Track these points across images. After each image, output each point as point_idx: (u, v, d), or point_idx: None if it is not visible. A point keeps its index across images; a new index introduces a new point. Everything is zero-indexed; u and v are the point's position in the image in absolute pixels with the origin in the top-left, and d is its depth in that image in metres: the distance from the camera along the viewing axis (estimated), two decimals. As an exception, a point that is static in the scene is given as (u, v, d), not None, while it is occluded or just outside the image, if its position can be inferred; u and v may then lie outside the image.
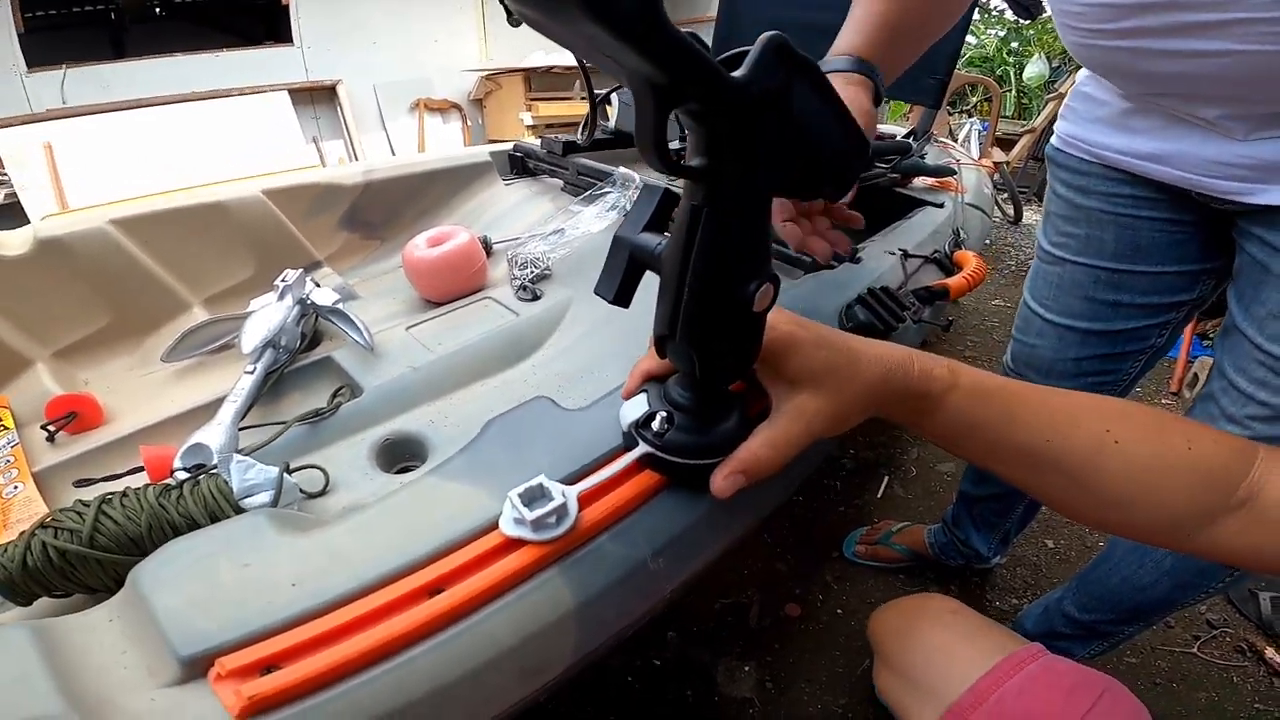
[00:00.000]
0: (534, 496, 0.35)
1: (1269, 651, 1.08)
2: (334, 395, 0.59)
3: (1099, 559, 0.83)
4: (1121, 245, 0.65)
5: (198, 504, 0.41)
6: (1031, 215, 3.37)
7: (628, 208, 0.77)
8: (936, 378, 0.36)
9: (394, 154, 3.40)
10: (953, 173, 1.16)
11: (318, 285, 0.69)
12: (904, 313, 0.63)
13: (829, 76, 0.30)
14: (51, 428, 0.54)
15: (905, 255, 0.79)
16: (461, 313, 0.70)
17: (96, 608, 0.35)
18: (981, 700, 0.49)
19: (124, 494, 0.42)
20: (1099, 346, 0.72)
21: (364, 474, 0.52)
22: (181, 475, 0.45)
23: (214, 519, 0.41)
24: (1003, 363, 0.87)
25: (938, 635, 0.58)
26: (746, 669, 1.05)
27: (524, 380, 0.62)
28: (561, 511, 0.35)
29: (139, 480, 0.49)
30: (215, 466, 0.45)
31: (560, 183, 0.97)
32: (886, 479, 1.42)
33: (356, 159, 3.17)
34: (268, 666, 0.29)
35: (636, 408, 0.38)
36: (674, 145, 0.38)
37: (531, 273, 0.75)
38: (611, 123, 0.95)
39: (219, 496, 0.41)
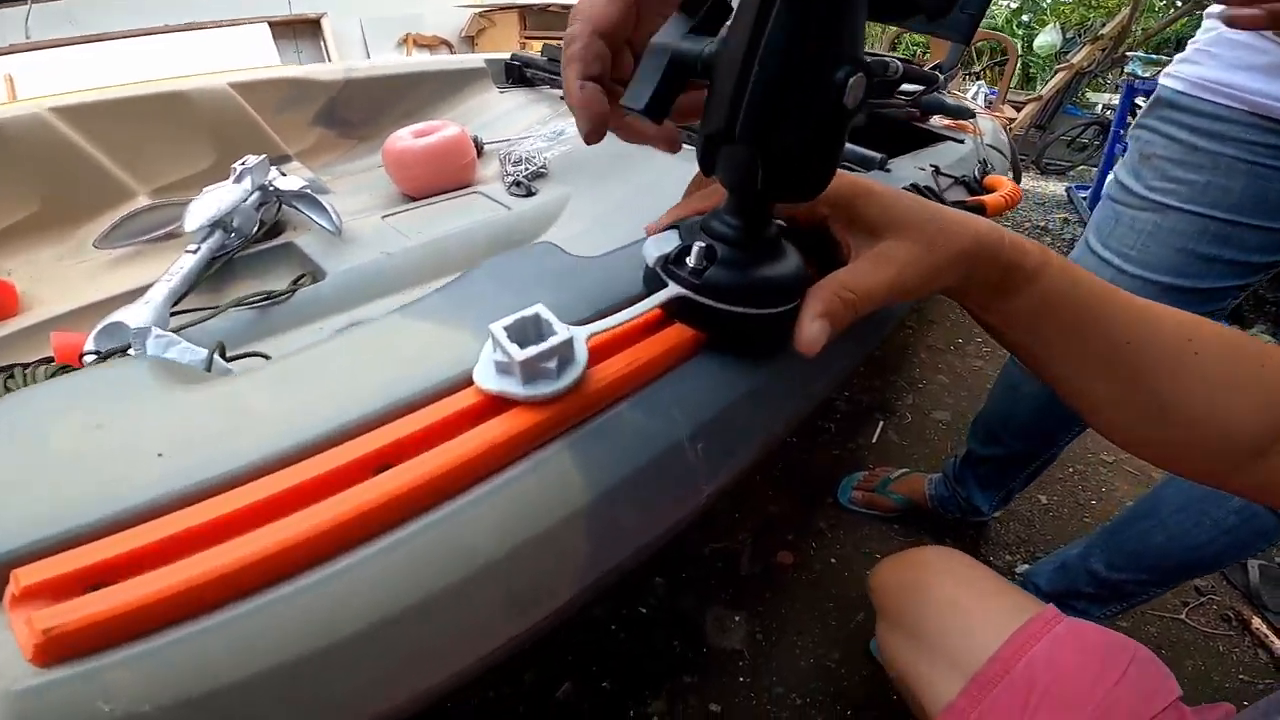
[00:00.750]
0: (526, 332, 0.24)
1: (1255, 622, 1.06)
2: (294, 282, 0.52)
3: (1134, 514, 0.79)
4: (1247, 196, 0.60)
5: None
6: (1029, 182, 3.32)
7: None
8: (1029, 252, 0.32)
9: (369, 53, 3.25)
10: (972, 114, 1.09)
11: (283, 174, 0.61)
12: None
13: None
14: None
15: (937, 171, 0.73)
16: (445, 205, 0.63)
17: None
18: (1008, 669, 0.45)
19: (9, 375, 0.35)
20: (1173, 304, 0.67)
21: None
22: (89, 359, 0.39)
23: None
24: None
25: (951, 592, 0.53)
26: (736, 619, 1.01)
27: (513, 274, 0.55)
28: (566, 355, 0.25)
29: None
30: (130, 343, 0.38)
31: (560, 93, 0.89)
32: (881, 424, 1.39)
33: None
34: (95, 583, 0.19)
35: (666, 243, 0.29)
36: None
37: (526, 169, 0.67)
38: None
39: None
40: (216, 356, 0.36)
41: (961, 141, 0.95)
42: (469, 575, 0.22)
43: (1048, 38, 3.78)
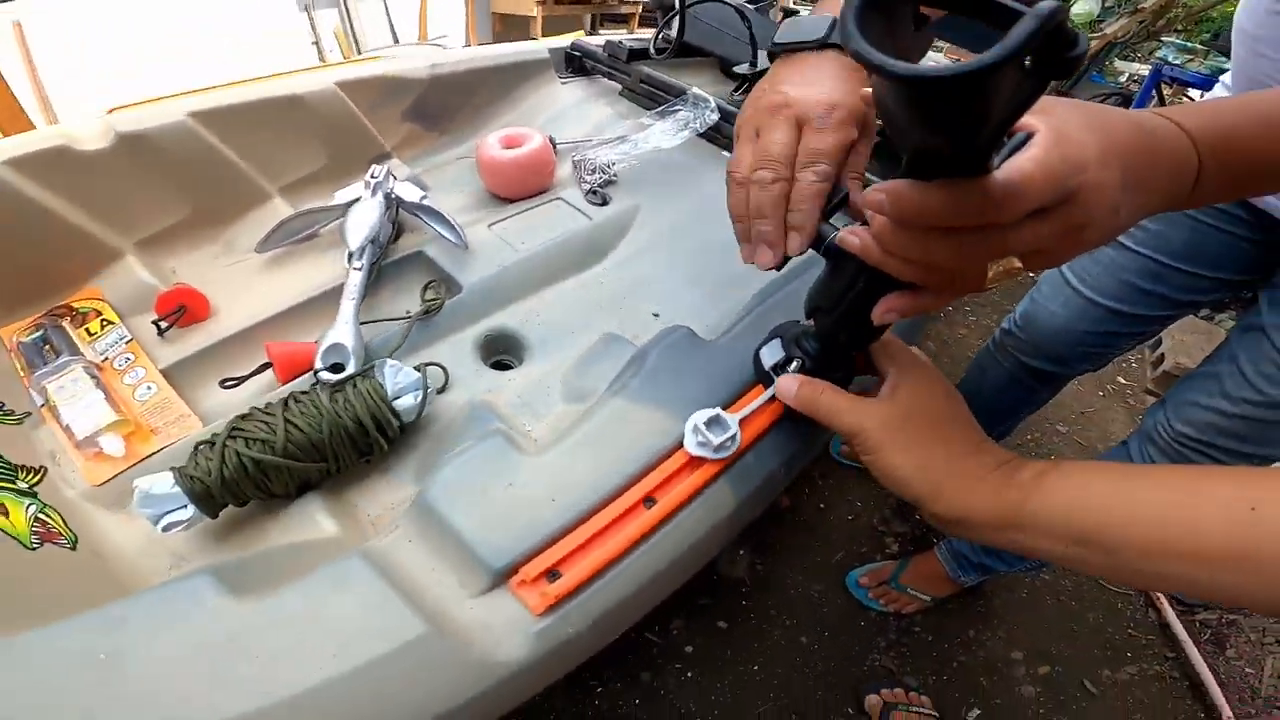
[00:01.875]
0: (713, 424, 0.43)
1: None
2: (425, 289, 0.63)
3: None
4: (1189, 248, 0.71)
5: (361, 406, 0.46)
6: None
7: (700, 128, 0.79)
8: (1022, 467, 0.36)
9: (392, 24, 3.12)
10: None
11: (395, 179, 0.71)
12: None
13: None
14: (164, 323, 0.56)
15: None
16: (536, 212, 0.73)
17: (391, 532, 0.39)
18: None
19: (296, 399, 0.46)
20: (1113, 325, 0.81)
21: (471, 370, 0.57)
22: (326, 375, 0.50)
23: (374, 419, 0.46)
24: (1006, 322, 0.96)
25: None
26: (741, 553, 1.20)
27: (599, 283, 0.68)
28: (734, 438, 0.43)
29: (267, 377, 0.53)
30: (370, 367, 0.49)
31: (618, 86, 0.96)
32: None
33: (352, 29, 2.91)
34: (552, 571, 0.37)
35: (774, 352, 0.46)
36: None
37: (600, 178, 0.77)
38: (672, 32, 0.93)
39: (375, 398, 0.46)
40: (439, 372, 0.51)
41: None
42: (688, 549, 0.42)
43: (1085, 5, 3.68)
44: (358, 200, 0.65)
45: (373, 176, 0.66)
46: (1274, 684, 1.15)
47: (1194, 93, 2.98)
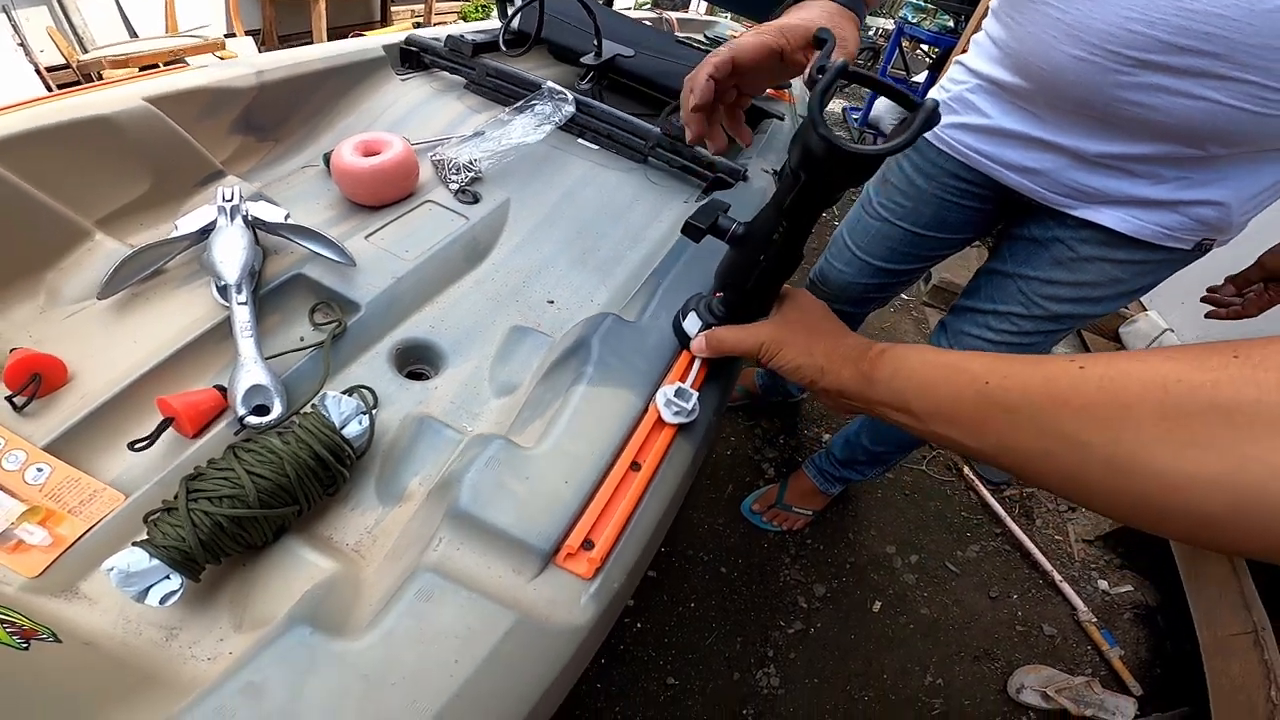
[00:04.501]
0: (680, 394, 0.51)
1: (965, 470, 1.57)
2: (313, 312, 0.61)
3: None
4: (936, 220, 0.88)
5: (315, 442, 0.45)
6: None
7: (560, 121, 0.82)
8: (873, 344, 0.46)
9: (125, 17, 2.64)
10: (788, 85, 1.30)
11: (244, 199, 0.65)
12: None
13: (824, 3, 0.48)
14: (19, 398, 0.48)
15: (775, 174, 0.94)
16: (411, 218, 0.72)
17: (438, 544, 0.41)
18: None
19: (245, 448, 0.44)
20: (885, 278, 1.01)
21: (393, 385, 0.57)
22: (252, 419, 0.48)
23: (330, 450, 0.45)
24: (810, 274, 1.14)
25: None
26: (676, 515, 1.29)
27: (491, 279, 0.69)
28: (697, 401, 0.51)
29: (172, 434, 0.49)
30: (306, 402, 0.49)
31: (462, 80, 0.95)
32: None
33: (71, 26, 2.41)
34: (587, 540, 0.42)
35: (693, 322, 0.55)
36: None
37: (466, 176, 0.77)
38: (515, 23, 0.93)
39: (326, 430, 0.46)
40: (369, 395, 0.51)
41: (782, 117, 1.14)
42: (674, 492, 0.49)
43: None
44: (213, 227, 0.59)
45: (225, 200, 0.61)
46: (1081, 548, 1.46)
47: (927, 47, 3.47)
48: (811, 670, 1.13)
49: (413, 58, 0.96)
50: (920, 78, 3.08)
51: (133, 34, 2.70)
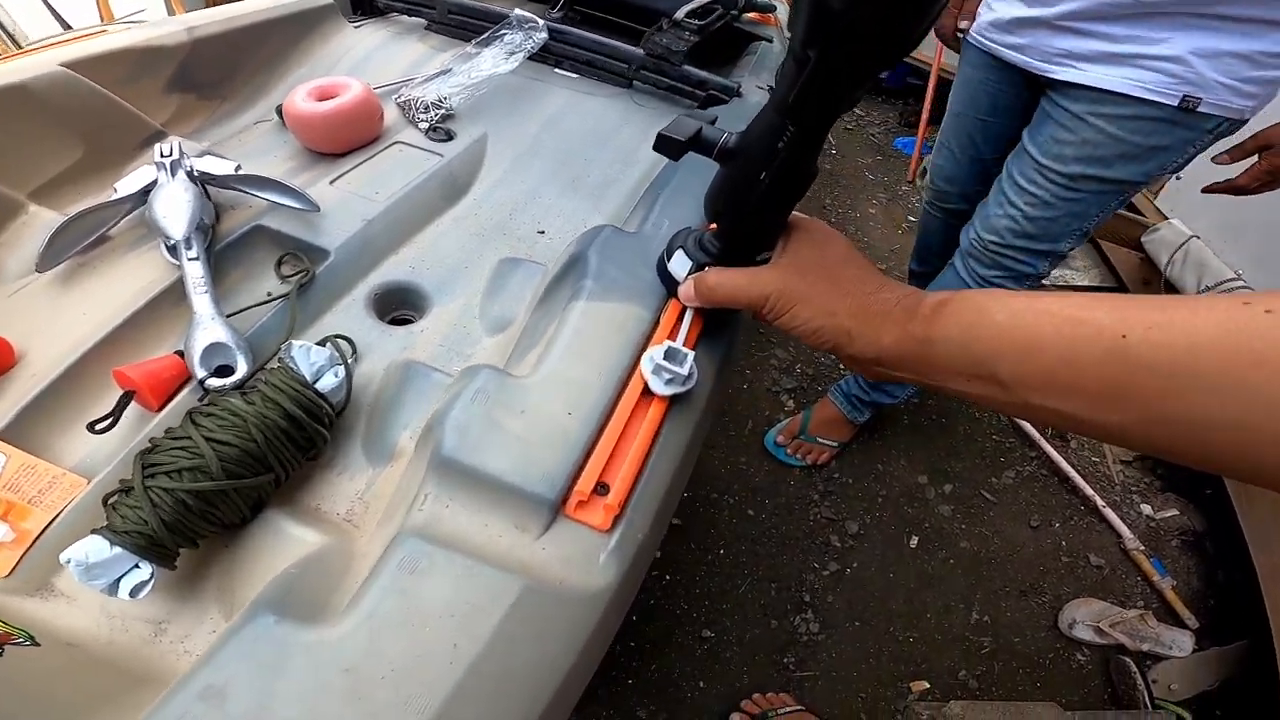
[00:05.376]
0: (673, 357, 0.40)
1: None
2: (279, 264, 0.55)
3: None
4: (987, 107, 1.02)
5: (284, 399, 0.39)
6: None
7: (532, 48, 0.75)
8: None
9: (53, 9, 2.53)
10: (773, 8, 1.23)
11: (188, 155, 0.59)
12: None
13: None
14: None
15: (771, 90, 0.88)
16: (379, 160, 0.66)
17: (423, 503, 0.35)
18: None
19: (202, 413, 0.38)
20: (980, 167, 1.10)
21: (374, 333, 0.52)
22: (214, 381, 0.42)
23: (302, 408, 0.40)
24: (926, 183, 1.24)
25: None
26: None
27: (474, 214, 0.63)
28: (694, 365, 0.41)
29: (136, 409, 0.44)
30: (273, 356, 0.43)
31: (422, 22, 0.88)
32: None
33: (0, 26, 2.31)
34: (600, 484, 0.36)
35: (682, 263, 0.44)
36: None
37: (436, 114, 0.71)
38: None
39: (297, 385, 0.40)
40: (345, 345, 0.45)
41: (770, 40, 1.07)
42: (698, 418, 0.43)
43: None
44: (154, 186, 0.53)
45: (164, 155, 0.55)
46: (1120, 469, 1.39)
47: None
48: (851, 613, 1.09)
49: (364, 3, 0.89)
50: None
51: (65, 26, 2.60)
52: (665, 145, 0.38)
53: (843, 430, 1.27)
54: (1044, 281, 1.03)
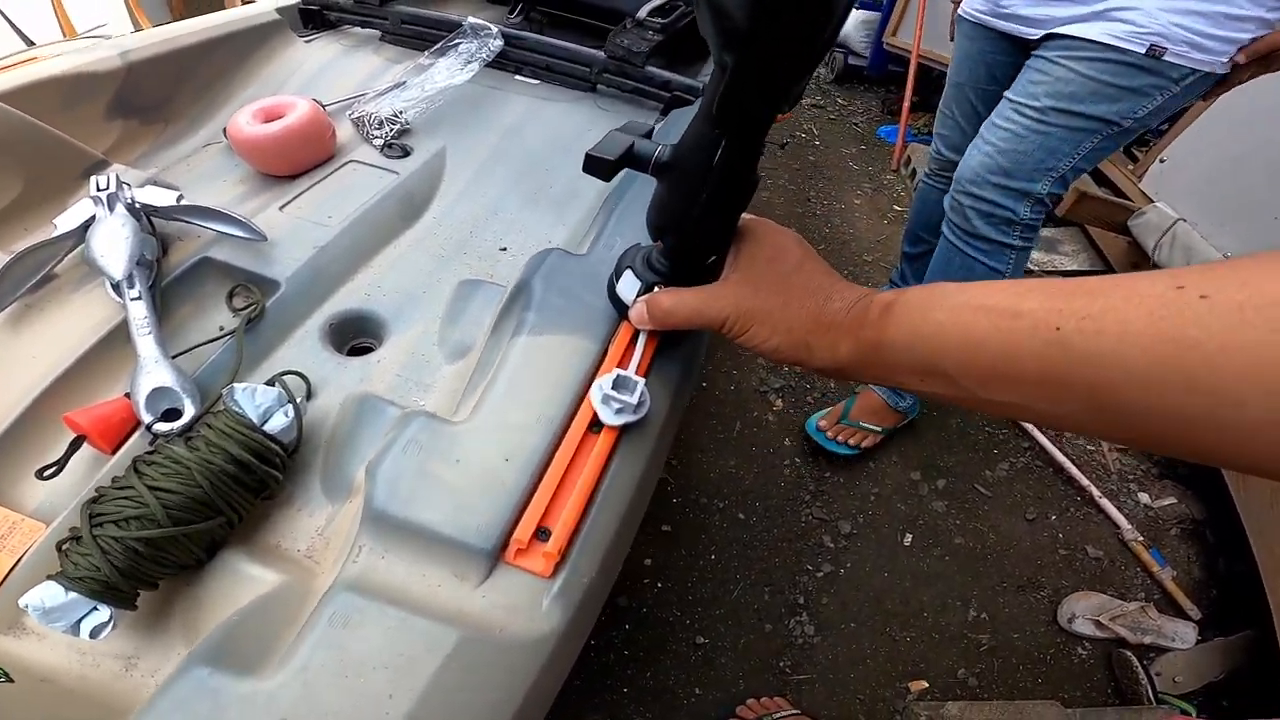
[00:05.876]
0: (623, 386, 0.39)
1: None
2: (231, 297, 0.53)
3: None
4: (987, 75, 1.10)
5: (230, 443, 0.38)
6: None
7: (487, 57, 0.73)
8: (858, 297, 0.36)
9: (15, 26, 2.49)
10: None
11: (130, 186, 0.57)
12: None
13: None
14: None
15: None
16: (330, 181, 0.64)
17: (357, 555, 0.34)
18: None
19: (145, 462, 0.38)
20: (964, 126, 1.18)
21: (331, 366, 0.50)
22: (161, 426, 0.42)
23: (250, 450, 0.38)
24: (929, 155, 1.28)
25: None
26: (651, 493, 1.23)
27: (434, 232, 0.62)
28: (644, 392, 0.39)
29: (88, 453, 0.43)
30: (216, 400, 0.41)
31: (376, 34, 0.85)
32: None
33: None
34: (541, 529, 0.35)
35: (630, 285, 0.42)
36: None
37: (391, 130, 0.69)
38: None
39: (242, 429, 0.39)
40: (299, 381, 0.44)
41: None
42: (651, 451, 0.41)
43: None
44: (93, 221, 0.51)
45: (99, 189, 0.53)
46: (1116, 458, 1.37)
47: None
48: (846, 614, 1.08)
49: (315, 16, 0.87)
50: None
51: (29, 42, 2.55)
52: (594, 166, 0.36)
53: (886, 416, 1.26)
54: (1030, 266, 1.02)
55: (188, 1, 2.87)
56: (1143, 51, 0.81)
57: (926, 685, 1.01)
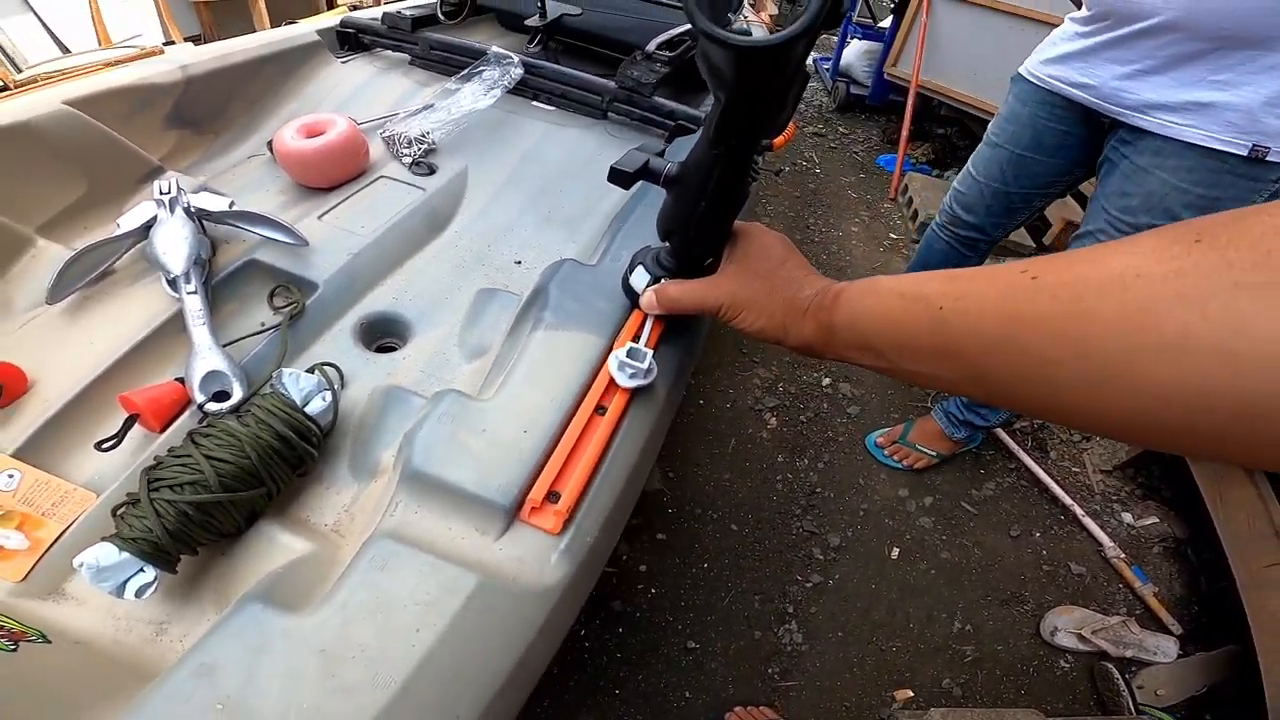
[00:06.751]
0: (635, 355, 0.46)
1: None
2: (272, 296, 0.58)
3: None
4: (1032, 143, 1.03)
5: (277, 421, 0.43)
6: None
7: (509, 84, 0.79)
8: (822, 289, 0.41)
9: (53, 34, 2.59)
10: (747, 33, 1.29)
11: (186, 191, 0.63)
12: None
13: None
14: None
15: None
16: (363, 195, 0.70)
17: (394, 510, 0.39)
18: None
19: (202, 434, 0.42)
20: (1002, 201, 1.12)
21: (360, 361, 0.55)
22: (212, 405, 0.46)
23: (293, 429, 0.43)
24: (941, 206, 1.24)
25: None
26: (652, 466, 1.28)
27: (456, 245, 0.67)
28: (653, 362, 0.47)
29: (139, 432, 0.47)
30: (264, 383, 0.47)
31: (406, 57, 0.92)
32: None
33: (1, 50, 2.37)
34: (552, 492, 0.40)
35: (641, 277, 0.50)
36: None
37: (419, 149, 0.75)
38: None
39: (287, 409, 0.44)
40: (333, 372, 0.49)
41: None
42: (649, 432, 0.47)
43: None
44: (154, 222, 0.57)
45: (163, 192, 0.58)
46: (1100, 479, 1.41)
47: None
48: (834, 623, 1.11)
49: (351, 39, 0.94)
50: (886, 23, 3.03)
51: (64, 50, 2.65)
52: (617, 177, 0.44)
53: (941, 443, 1.33)
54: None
55: (216, 14, 2.99)
56: (1244, 154, 0.75)
57: (912, 694, 1.04)
